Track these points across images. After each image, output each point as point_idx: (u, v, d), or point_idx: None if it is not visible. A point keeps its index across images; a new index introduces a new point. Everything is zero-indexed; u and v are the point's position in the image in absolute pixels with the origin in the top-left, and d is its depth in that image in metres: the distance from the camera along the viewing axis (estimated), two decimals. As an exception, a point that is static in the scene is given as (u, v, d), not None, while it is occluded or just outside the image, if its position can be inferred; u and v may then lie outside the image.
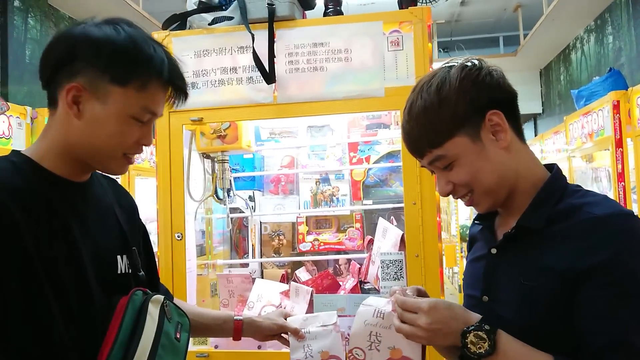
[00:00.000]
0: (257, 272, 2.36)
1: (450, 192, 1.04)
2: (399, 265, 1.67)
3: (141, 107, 0.99)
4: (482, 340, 0.90)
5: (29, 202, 0.93)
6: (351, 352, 1.00)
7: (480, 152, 0.99)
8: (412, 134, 1.03)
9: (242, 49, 1.77)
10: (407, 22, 1.70)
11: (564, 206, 0.96)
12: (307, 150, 2.39)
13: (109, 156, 1.01)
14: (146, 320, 0.98)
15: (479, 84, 0.98)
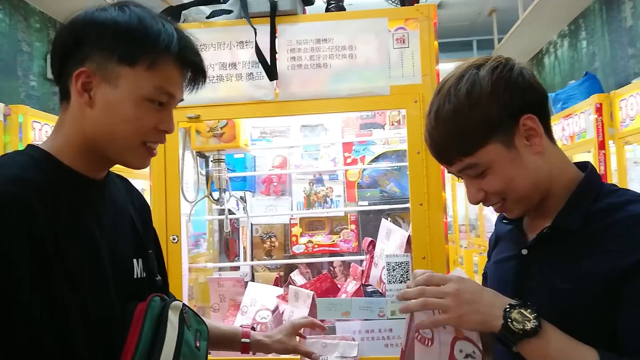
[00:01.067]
0: (248, 276, 2.29)
1: (481, 200, 0.99)
2: (405, 268, 1.63)
3: (154, 87, 0.92)
4: (526, 319, 0.86)
5: (49, 199, 0.86)
6: (418, 331, 0.94)
7: (514, 160, 0.94)
8: (440, 141, 0.97)
9: (242, 44, 1.70)
10: (413, 19, 1.67)
11: (601, 206, 0.93)
12: (300, 150, 2.34)
13: (127, 145, 0.94)
14: (167, 329, 0.91)
15: (511, 87, 0.94)
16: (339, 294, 1.85)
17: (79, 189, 0.93)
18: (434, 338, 0.94)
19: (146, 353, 0.89)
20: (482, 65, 0.96)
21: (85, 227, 0.90)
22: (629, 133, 3.02)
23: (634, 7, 4.33)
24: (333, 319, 1.68)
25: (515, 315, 0.86)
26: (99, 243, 0.91)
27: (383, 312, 1.63)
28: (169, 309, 0.95)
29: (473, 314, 0.90)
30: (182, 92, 0.99)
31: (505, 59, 0.97)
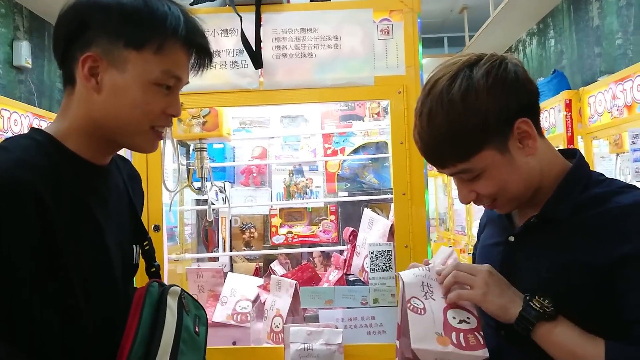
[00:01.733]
0: (227, 267, 2.27)
1: (472, 201, 1.00)
2: (388, 256, 1.65)
3: (162, 71, 0.91)
4: (544, 307, 0.89)
5: (55, 184, 0.84)
6: (409, 301, 0.96)
7: (508, 164, 0.94)
8: (433, 145, 0.95)
9: (227, 32, 1.69)
10: (398, 11, 1.69)
11: (589, 195, 0.94)
12: (280, 141, 2.34)
13: (136, 130, 0.92)
14: (166, 314, 0.91)
15: (507, 90, 0.92)
16: (321, 283, 1.86)
17: (84, 175, 0.92)
18: (425, 307, 0.96)
19: (146, 338, 0.89)
20: (475, 64, 0.93)
21: (90, 212, 0.89)
22: (596, 129, 3.13)
23: (601, 8, 4.47)
24: (316, 307, 1.69)
25: (534, 302, 0.90)
26: (104, 228, 0.91)
27: (366, 300, 1.65)
28: (167, 294, 0.95)
29: (497, 297, 0.92)
30: (188, 74, 0.98)
31: (498, 58, 0.95)
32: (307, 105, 2.24)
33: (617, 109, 2.90)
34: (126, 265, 0.97)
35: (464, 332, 0.93)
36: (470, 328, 0.94)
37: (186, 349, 0.92)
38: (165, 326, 0.90)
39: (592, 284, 0.89)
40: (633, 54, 4.01)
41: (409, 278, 1.00)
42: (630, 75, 2.79)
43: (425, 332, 0.92)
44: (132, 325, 0.89)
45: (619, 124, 2.90)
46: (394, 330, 1.61)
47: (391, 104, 1.67)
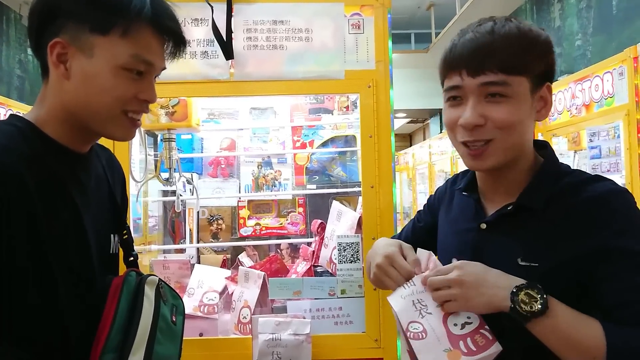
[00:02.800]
0: (194, 258, 2.26)
1: (477, 126, 0.94)
2: (356, 248, 1.68)
3: (130, 56, 0.90)
4: (533, 300, 0.87)
5: (36, 169, 0.84)
6: (407, 329, 0.94)
7: (529, 109, 0.95)
8: (488, 47, 0.91)
9: (197, 21, 1.68)
10: (369, 5, 1.71)
11: (562, 185, 0.96)
12: (249, 133, 2.33)
13: (107, 116, 0.91)
14: (143, 303, 0.91)
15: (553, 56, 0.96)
16: (289, 275, 1.88)
17: (64, 161, 0.92)
18: (425, 329, 0.94)
19: (123, 327, 0.89)
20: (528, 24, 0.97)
21: (70, 199, 0.89)
22: (556, 126, 3.24)
23: (562, 9, 4.61)
24: (284, 298, 1.70)
25: (522, 297, 0.87)
26: (83, 216, 0.90)
27: (333, 291, 1.68)
28: (145, 283, 0.95)
29: (478, 298, 0.91)
30: (162, 60, 0.96)
31: None
32: (277, 97, 2.24)
33: (576, 107, 3.01)
34: (103, 253, 0.96)
35: (470, 336, 0.92)
36: (475, 328, 0.93)
37: (163, 338, 0.93)
38: (142, 314, 0.90)
39: (566, 272, 0.91)
40: (592, 55, 4.16)
41: (398, 305, 0.98)
42: (588, 76, 2.89)
43: (435, 354, 0.91)
44: (110, 312, 0.89)
45: (577, 122, 3.01)
46: (361, 321, 1.66)
47: (361, 98, 1.69)
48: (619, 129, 2.60)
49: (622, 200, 0.92)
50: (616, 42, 3.83)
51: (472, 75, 0.93)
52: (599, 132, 2.75)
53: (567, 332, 0.87)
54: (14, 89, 5.08)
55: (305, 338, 1.53)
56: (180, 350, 1.02)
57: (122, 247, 1.05)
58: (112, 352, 0.87)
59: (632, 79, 2.46)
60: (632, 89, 2.46)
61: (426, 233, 1.24)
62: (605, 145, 2.70)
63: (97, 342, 0.88)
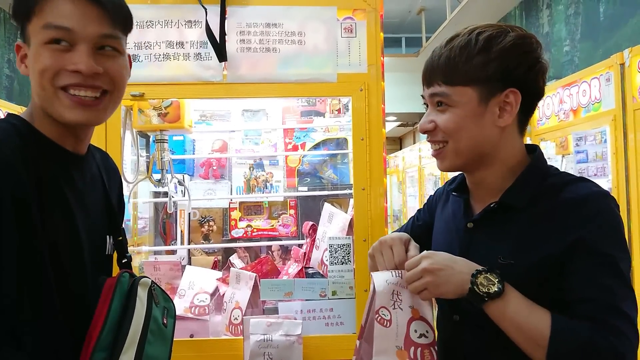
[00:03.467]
0: (185, 260, 2.26)
1: (429, 131, 1.04)
2: (347, 250, 1.69)
3: (42, 27, 0.89)
4: (491, 283, 0.92)
5: (32, 165, 0.85)
6: (378, 312, 0.99)
7: (477, 116, 0.99)
8: (437, 61, 1.01)
9: (191, 23, 1.68)
10: (361, 10, 1.73)
11: (545, 185, 1.00)
12: (240, 135, 2.34)
13: (46, 96, 0.91)
14: (136, 305, 0.92)
15: (524, 59, 0.98)
16: (280, 276, 1.89)
17: (57, 160, 0.93)
18: (392, 319, 0.99)
19: (114, 327, 0.90)
20: (516, 30, 1.00)
21: (63, 198, 0.90)
22: (544, 131, 3.27)
23: (551, 15, 4.67)
24: (275, 300, 1.71)
25: (481, 279, 0.93)
26: (75, 215, 0.91)
27: (324, 292, 1.69)
28: (138, 285, 0.95)
29: (446, 284, 0.96)
30: (87, 23, 0.91)
31: (537, 40, 1.02)
32: (269, 100, 2.26)
33: (564, 112, 3.05)
34: (96, 254, 0.97)
35: (421, 347, 0.99)
36: (428, 343, 1.00)
37: (154, 340, 0.94)
38: (134, 315, 0.91)
39: (545, 269, 0.94)
40: (579, 61, 4.22)
41: (381, 285, 1.02)
42: (576, 81, 2.94)
43: (387, 345, 0.97)
44: (102, 312, 0.89)
45: (564, 127, 3.05)
46: (352, 322, 1.67)
47: (353, 101, 1.71)
48: (606, 134, 2.64)
49: (603, 202, 0.95)
50: (603, 48, 3.89)
51: (427, 87, 1.04)
52: (586, 137, 2.79)
53: (518, 317, 0.92)
54: (3, 88, 5.04)
55: (297, 339, 1.54)
56: (170, 353, 1.03)
57: (116, 249, 1.06)
58: (103, 351, 0.88)
59: (619, 85, 2.50)
60: (618, 95, 2.50)
61: (423, 231, 1.27)
62: (592, 150, 2.74)
63: (88, 340, 0.89)
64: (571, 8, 4.33)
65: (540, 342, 0.90)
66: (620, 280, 0.91)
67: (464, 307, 1.02)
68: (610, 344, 0.87)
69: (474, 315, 0.99)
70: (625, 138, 2.46)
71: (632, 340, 0.89)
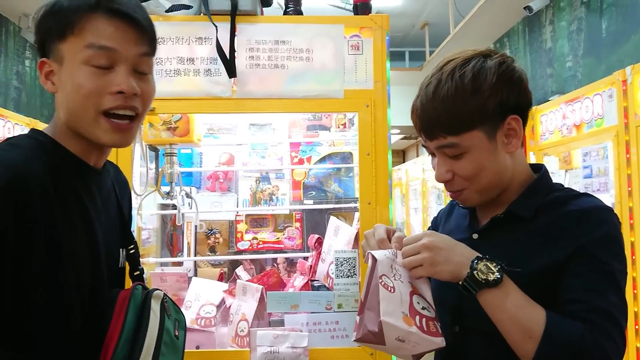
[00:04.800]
0: (192, 272, 2.29)
1: (448, 181, 1.05)
2: (353, 263, 1.71)
3: (85, 47, 0.92)
4: (490, 271, 0.93)
5: (57, 180, 0.89)
6: (381, 277, 0.98)
7: (491, 152, 1.01)
8: (431, 115, 1.01)
9: (201, 40, 1.72)
10: (367, 28, 1.76)
11: (551, 198, 1.03)
12: (247, 148, 2.37)
13: (86, 118, 0.94)
14: (150, 316, 0.94)
15: (511, 85, 1.01)
16: (286, 289, 1.91)
17: (80, 174, 0.96)
18: (394, 287, 0.98)
19: (130, 339, 0.92)
20: (489, 56, 1.03)
21: (86, 212, 0.93)
22: (547, 146, 3.30)
23: (554, 31, 4.71)
24: (282, 312, 1.73)
25: (481, 266, 0.94)
26: (96, 230, 0.94)
27: (330, 305, 1.71)
28: (151, 297, 0.98)
29: (444, 264, 0.96)
30: (129, 45, 0.94)
31: (509, 57, 1.04)
32: (276, 114, 2.29)
33: (567, 127, 3.08)
34: (110, 266, 0.99)
35: (426, 318, 0.98)
36: (431, 317, 0.99)
37: (167, 351, 0.96)
38: (149, 328, 0.93)
39: (549, 278, 0.96)
40: (582, 76, 4.25)
41: (380, 257, 1.02)
42: (579, 97, 2.97)
43: (394, 308, 0.95)
44: (117, 324, 0.92)
45: (567, 142, 3.07)
46: (357, 334, 1.68)
47: (359, 116, 1.74)
48: (608, 150, 2.66)
49: (606, 215, 0.99)
50: (605, 64, 3.93)
51: (429, 140, 1.04)
52: (590, 152, 2.82)
53: (513, 309, 0.93)
54: (11, 100, 5.10)
55: (303, 351, 1.55)
56: None
57: (128, 261, 1.08)
58: None
59: (621, 102, 2.53)
60: (621, 111, 2.53)
61: None
62: (595, 165, 2.77)
63: (105, 352, 0.91)
64: (574, 24, 4.38)
65: (533, 334, 0.90)
66: (615, 290, 0.94)
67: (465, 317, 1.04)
68: (600, 345, 0.89)
69: (475, 326, 1.01)
70: (628, 154, 2.49)
71: (620, 346, 0.91)
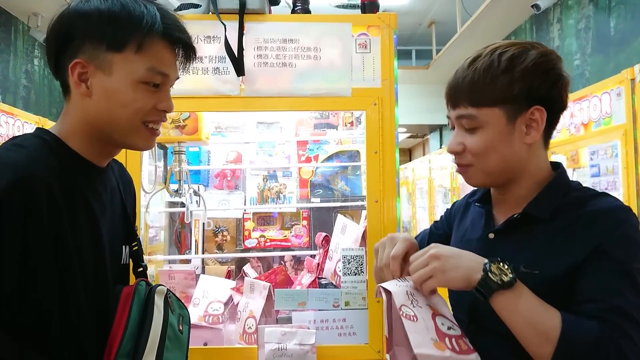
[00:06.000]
0: (199, 269, 2.30)
1: (457, 153, 1.06)
2: (360, 261, 1.72)
3: (146, 69, 0.96)
4: (503, 273, 0.93)
5: (62, 180, 0.89)
6: (401, 309, 0.97)
7: (506, 135, 1.01)
8: (461, 83, 1.03)
9: (209, 39, 1.73)
10: (375, 26, 1.77)
11: (569, 199, 1.02)
12: (255, 147, 2.38)
13: (129, 128, 0.97)
14: (154, 312, 0.95)
15: (546, 77, 1.01)
16: (293, 286, 1.92)
17: (85, 174, 0.97)
18: (416, 315, 0.97)
19: (134, 335, 0.93)
20: (537, 47, 1.03)
21: (91, 211, 0.94)
22: (555, 144, 3.29)
23: (561, 29, 4.69)
24: (289, 309, 1.74)
25: (494, 268, 0.93)
26: (101, 228, 0.95)
27: (337, 303, 1.71)
28: (154, 293, 0.99)
29: (455, 271, 0.96)
30: (176, 70, 1.02)
31: (555, 54, 1.05)
32: (283, 113, 2.30)
33: (575, 126, 3.07)
34: (115, 265, 1.01)
35: (455, 338, 0.96)
36: (458, 334, 0.98)
37: (171, 346, 0.97)
38: (153, 323, 0.95)
39: (567, 280, 0.96)
40: (590, 75, 4.23)
41: (394, 288, 1.01)
42: (587, 95, 2.95)
43: (423, 338, 0.94)
44: (122, 320, 0.93)
45: (575, 140, 3.06)
46: (364, 333, 1.69)
47: (367, 115, 1.74)
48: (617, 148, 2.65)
49: (625, 215, 0.98)
50: (614, 62, 3.91)
51: (453, 108, 1.06)
52: (598, 151, 2.80)
53: (527, 312, 0.92)
54: (20, 98, 5.14)
55: (311, 348, 1.56)
56: (187, 358, 1.06)
57: (132, 258, 1.10)
58: (125, 357, 0.92)
59: (630, 100, 2.52)
60: (629, 110, 2.52)
61: (442, 241, 1.28)
62: (603, 164, 2.76)
63: (109, 348, 0.93)
64: (582, 22, 4.35)
65: (549, 337, 0.90)
66: (633, 288, 0.92)
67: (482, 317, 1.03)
68: (617, 345, 0.88)
69: (492, 326, 1.00)
70: (636, 152, 2.48)
71: (639, 345, 0.90)
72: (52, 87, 5.76)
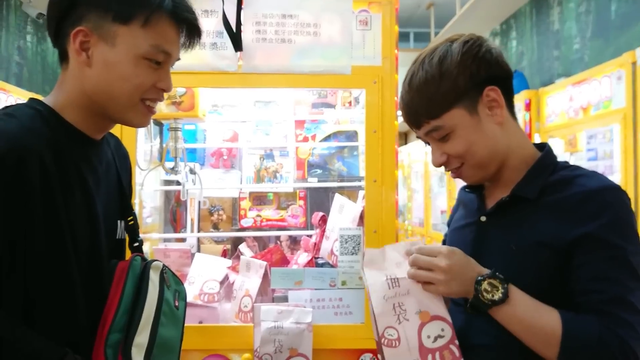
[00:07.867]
0: (195, 248, 2.29)
1: (444, 163, 1.08)
2: (357, 241, 1.71)
3: (151, 46, 0.93)
4: (495, 289, 0.95)
5: (55, 151, 0.88)
6: (383, 335, 0.97)
7: (476, 126, 1.03)
8: (412, 105, 1.06)
9: (207, 13, 1.69)
10: (376, 3, 1.73)
11: (556, 178, 1.02)
12: (251, 125, 2.35)
13: (127, 103, 0.95)
14: (148, 288, 0.94)
15: (479, 60, 1.03)
16: (289, 266, 1.91)
17: (80, 146, 0.95)
18: (399, 337, 0.98)
19: (128, 309, 0.92)
20: (456, 40, 1.05)
21: (84, 183, 0.92)
22: (553, 128, 3.28)
23: (561, 13, 4.65)
24: (285, 288, 1.73)
25: (485, 286, 0.95)
26: (95, 201, 0.93)
27: (334, 282, 1.71)
28: (150, 268, 0.97)
29: (457, 286, 0.98)
30: (178, 50, 1.00)
31: (477, 37, 1.06)
32: (280, 91, 2.27)
33: (573, 110, 3.05)
34: (109, 238, 0.99)
35: (439, 351, 0.97)
36: (445, 342, 0.98)
37: (166, 321, 0.96)
38: (147, 298, 0.94)
39: (555, 262, 0.96)
40: (589, 59, 4.20)
41: (379, 305, 1.00)
42: (586, 79, 2.94)
43: None
44: (116, 294, 0.92)
45: (573, 124, 3.05)
46: (361, 312, 1.69)
47: (366, 93, 1.72)
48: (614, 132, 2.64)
49: (614, 195, 0.97)
50: (614, 46, 3.88)
51: (417, 129, 1.08)
52: (596, 135, 2.80)
53: (527, 319, 0.94)
54: (12, 75, 5.06)
55: (307, 327, 1.56)
56: (182, 334, 1.06)
57: (128, 233, 1.08)
58: (118, 332, 0.91)
59: (630, 83, 2.50)
60: (629, 93, 2.51)
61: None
62: (601, 148, 2.75)
63: (103, 322, 0.92)
64: (582, 6, 4.31)
65: (552, 341, 0.92)
66: (630, 273, 0.93)
67: None
68: (620, 338, 0.89)
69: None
70: (635, 136, 2.47)
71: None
72: (45, 64, 5.67)
